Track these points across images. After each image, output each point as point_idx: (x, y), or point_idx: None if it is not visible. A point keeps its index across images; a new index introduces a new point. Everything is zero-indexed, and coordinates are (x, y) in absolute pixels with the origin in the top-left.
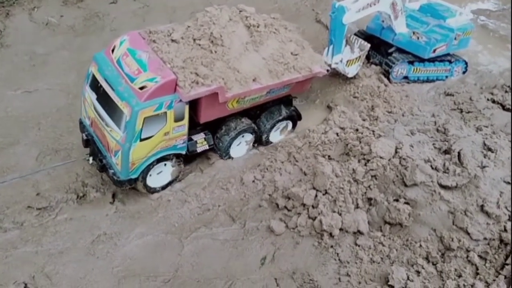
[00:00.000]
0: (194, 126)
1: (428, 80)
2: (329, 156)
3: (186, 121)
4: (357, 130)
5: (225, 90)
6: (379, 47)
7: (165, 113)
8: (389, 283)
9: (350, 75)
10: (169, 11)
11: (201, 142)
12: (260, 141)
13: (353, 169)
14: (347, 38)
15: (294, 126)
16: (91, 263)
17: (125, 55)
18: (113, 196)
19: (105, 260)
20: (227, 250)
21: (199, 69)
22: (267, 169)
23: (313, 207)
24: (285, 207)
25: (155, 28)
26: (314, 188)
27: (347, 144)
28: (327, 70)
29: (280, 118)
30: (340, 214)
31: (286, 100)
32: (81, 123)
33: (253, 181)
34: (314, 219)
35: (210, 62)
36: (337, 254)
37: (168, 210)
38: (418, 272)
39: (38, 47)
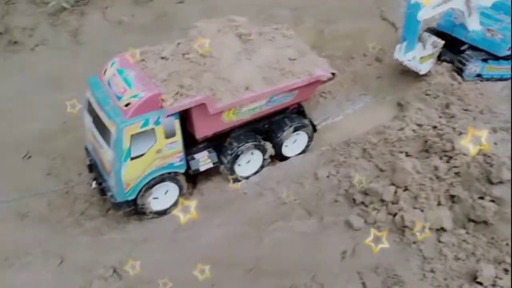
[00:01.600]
0: (196, 144)
1: (502, 79)
2: (406, 152)
3: (178, 137)
4: (435, 127)
5: (213, 101)
6: (451, 45)
7: (153, 129)
8: (477, 280)
9: (422, 72)
10: (235, 9)
11: (204, 160)
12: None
13: (435, 166)
14: (419, 35)
15: (310, 139)
16: (174, 250)
17: (114, 76)
18: (193, 187)
19: (188, 248)
20: (305, 243)
21: (184, 81)
22: (341, 164)
23: (392, 203)
24: (363, 202)
25: (147, 48)
26: (393, 184)
27: (426, 141)
28: (332, 74)
29: (290, 129)
30: (422, 211)
31: (298, 112)
32: (86, 148)
33: (328, 177)
34: (394, 215)
35: (197, 74)
36: (420, 250)
37: (244, 203)
38: (506, 270)
39: (112, 45)
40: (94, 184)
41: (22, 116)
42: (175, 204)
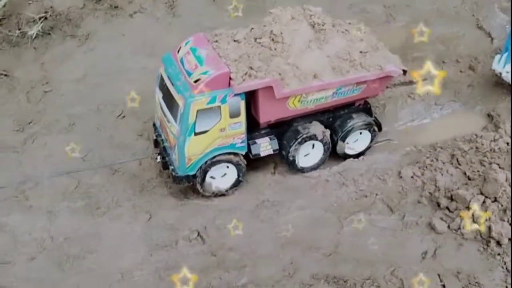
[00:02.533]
0: (258, 129)
1: None
2: (498, 164)
3: (243, 118)
4: None
5: (281, 85)
6: None
7: (219, 107)
8: None
9: None
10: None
11: (265, 146)
12: (334, 150)
13: None
14: None
15: (373, 139)
16: (256, 225)
17: (188, 53)
18: (274, 167)
19: (269, 224)
20: (386, 238)
21: (254, 63)
22: (426, 167)
23: (480, 212)
24: (447, 207)
25: (222, 30)
26: (482, 194)
27: None
28: (403, 71)
29: (354, 126)
30: (510, 224)
31: (364, 109)
32: (154, 125)
33: (412, 177)
34: (480, 224)
35: (267, 57)
36: (505, 263)
37: (326, 189)
38: None
39: (205, 21)
40: (158, 158)
41: (120, 78)
42: (233, 186)
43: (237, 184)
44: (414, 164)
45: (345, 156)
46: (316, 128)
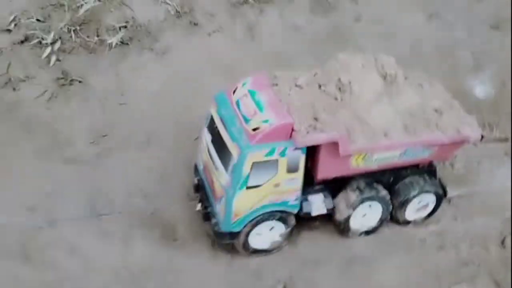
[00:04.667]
0: (311, 184)
1: None
2: None
3: (300, 173)
4: None
5: (347, 142)
6: None
7: (277, 160)
8: None
9: None
10: (414, 41)
11: (319, 204)
12: (392, 217)
13: None
14: None
15: (438, 204)
16: (348, 283)
17: (245, 96)
18: None
19: (361, 282)
20: None
21: (320, 114)
22: None
23: None
24: None
25: (281, 72)
26: None
27: None
28: (482, 136)
29: (418, 191)
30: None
31: (429, 171)
32: (195, 166)
33: None
34: None
35: (334, 109)
36: None
37: (423, 251)
38: None
39: (284, 47)
40: (199, 207)
41: (196, 97)
42: (276, 248)
43: (280, 246)
44: None
45: (403, 223)
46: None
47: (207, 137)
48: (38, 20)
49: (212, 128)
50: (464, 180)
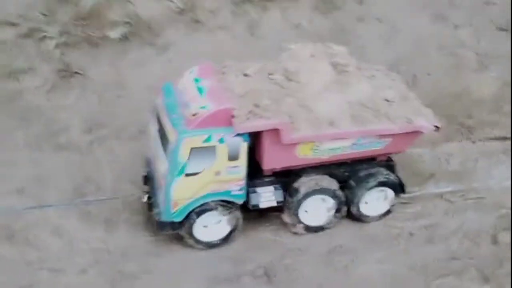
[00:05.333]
0: (261, 177)
1: None
2: None
3: (242, 162)
4: None
5: (290, 129)
6: None
7: (214, 147)
8: None
9: None
10: (416, 40)
11: (268, 196)
12: (349, 212)
13: None
14: None
15: (395, 199)
16: (327, 272)
17: (189, 84)
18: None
19: (341, 273)
20: None
21: (262, 100)
22: None
23: None
24: None
25: (231, 62)
26: None
27: None
28: (436, 127)
29: (372, 185)
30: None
31: (386, 165)
32: (147, 159)
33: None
34: None
35: (278, 97)
36: None
37: (411, 245)
38: None
39: (285, 44)
40: (145, 198)
41: None
42: (225, 240)
43: (228, 238)
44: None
45: (359, 217)
46: (327, 181)
47: (153, 127)
48: (43, 14)
49: (158, 118)
50: (459, 176)
